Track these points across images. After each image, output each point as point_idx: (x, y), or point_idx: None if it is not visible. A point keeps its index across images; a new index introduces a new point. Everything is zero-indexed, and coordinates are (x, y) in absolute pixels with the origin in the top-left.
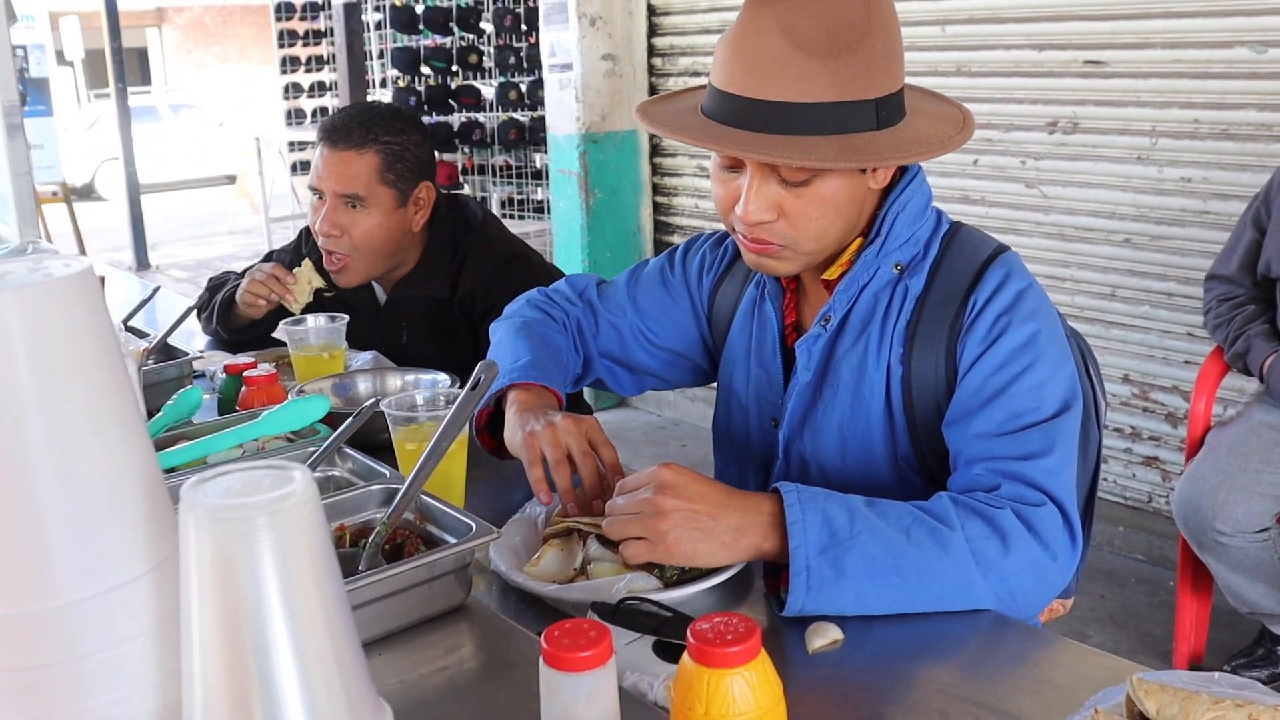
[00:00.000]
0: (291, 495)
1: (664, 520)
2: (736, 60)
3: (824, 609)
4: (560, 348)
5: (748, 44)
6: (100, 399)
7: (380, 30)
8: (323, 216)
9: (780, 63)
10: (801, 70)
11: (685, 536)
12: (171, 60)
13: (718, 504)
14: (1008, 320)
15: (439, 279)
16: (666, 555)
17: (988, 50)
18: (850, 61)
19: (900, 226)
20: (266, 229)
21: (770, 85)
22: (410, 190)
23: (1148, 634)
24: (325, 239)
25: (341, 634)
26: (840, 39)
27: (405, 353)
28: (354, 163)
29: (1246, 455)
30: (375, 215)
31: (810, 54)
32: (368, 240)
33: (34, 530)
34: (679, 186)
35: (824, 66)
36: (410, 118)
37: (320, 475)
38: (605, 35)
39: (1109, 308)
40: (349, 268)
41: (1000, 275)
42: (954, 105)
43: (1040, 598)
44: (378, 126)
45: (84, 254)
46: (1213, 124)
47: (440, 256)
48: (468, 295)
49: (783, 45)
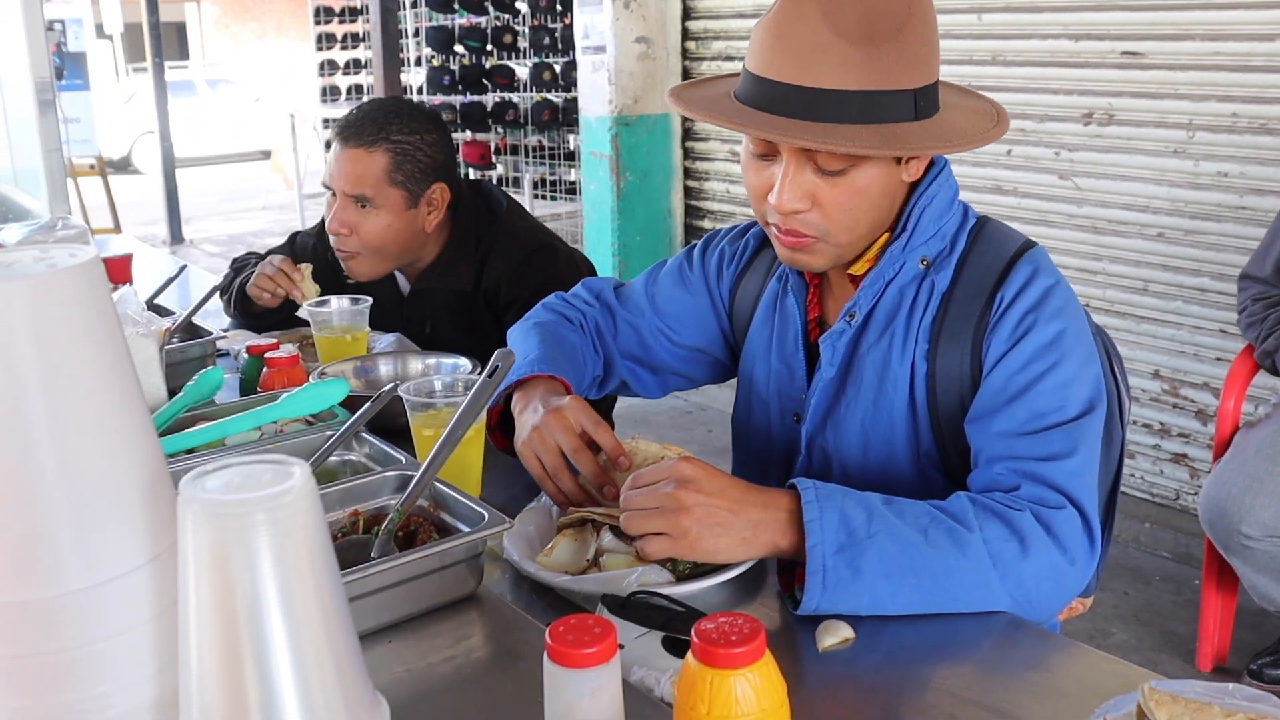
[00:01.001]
0: (290, 491)
1: (685, 515)
2: (777, 45)
3: (838, 608)
4: (574, 345)
5: (789, 29)
6: (103, 390)
7: (416, 8)
8: (333, 214)
9: (821, 49)
10: (843, 57)
11: (706, 532)
12: (209, 35)
13: (736, 499)
14: (1034, 318)
15: (462, 270)
16: (688, 551)
17: (1024, 39)
18: (890, 50)
19: (927, 221)
20: (300, 205)
21: (810, 71)
22: (421, 191)
23: (1171, 633)
24: (335, 237)
25: (338, 629)
26: (880, 27)
27: (429, 343)
28: (363, 162)
29: (1274, 458)
30: (384, 216)
31: (852, 41)
32: (376, 240)
33: (36, 519)
34: (710, 171)
35: (865, 54)
36: (428, 116)
37: (337, 459)
38: (639, 18)
39: (1141, 302)
40: (358, 262)
41: (1028, 271)
42: (986, 100)
43: (1057, 601)
44: (390, 125)
45: (118, 226)
46: (1251, 118)
47: (464, 247)
48: (492, 286)
49: (825, 31)
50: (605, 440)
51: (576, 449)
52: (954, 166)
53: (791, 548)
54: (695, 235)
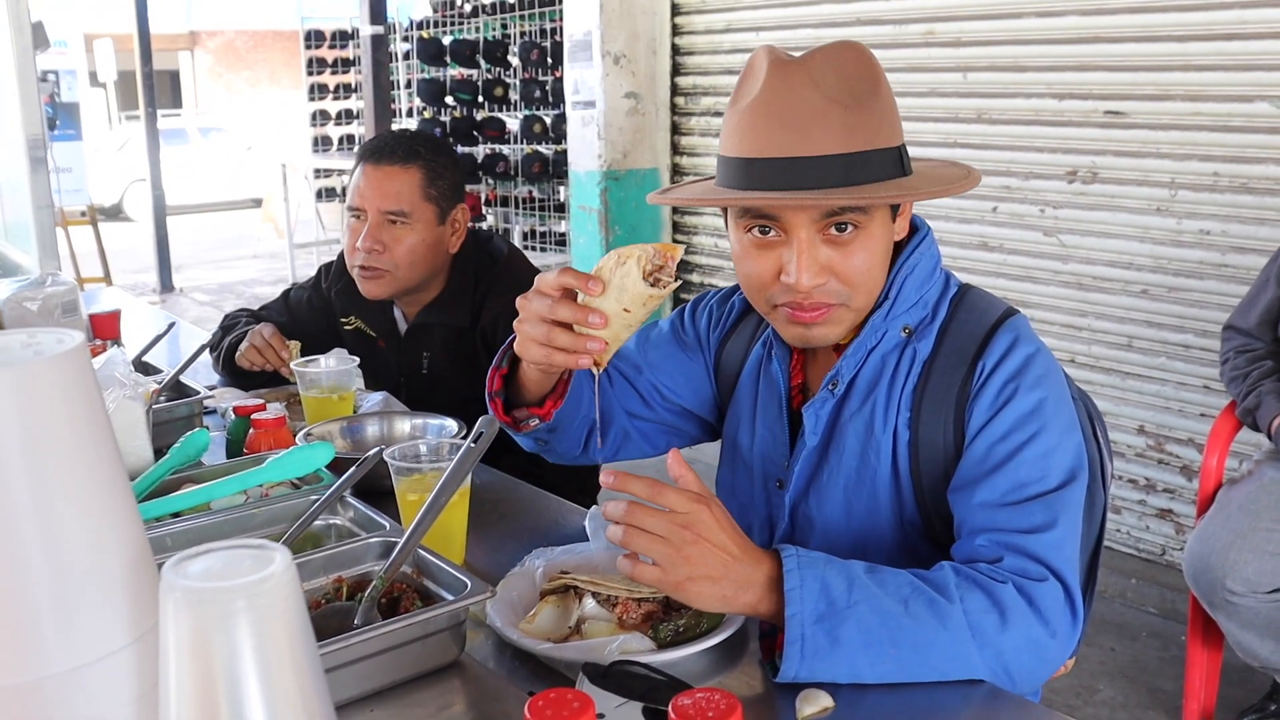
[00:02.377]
0: (270, 578)
1: (684, 560)
2: (771, 121)
3: (817, 677)
4: None
5: (780, 103)
6: (88, 474)
7: (408, 60)
8: (364, 233)
9: (819, 116)
10: (841, 121)
11: (696, 580)
12: (202, 83)
13: (734, 555)
14: (1015, 386)
15: (461, 308)
16: (670, 589)
17: (1008, 98)
18: (873, 111)
19: (909, 289)
20: (290, 254)
21: (812, 139)
22: (449, 209)
23: (1158, 689)
24: (367, 255)
25: (317, 708)
26: (859, 90)
27: (425, 381)
28: (399, 177)
29: (1257, 513)
30: (418, 231)
31: (844, 105)
32: (409, 256)
33: (20, 604)
34: (699, 225)
35: (856, 117)
36: (446, 145)
37: (322, 523)
38: (629, 73)
39: (1125, 358)
40: (383, 282)
41: (1008, 339)
42: (939, 160)
43: (1037, 674)
44: (419, 145)
45: (108, 276)
46: (1232, 177)
47: (464, 286)
48: (490, 325)
49: (819, 99)
50: (569, 280)
51: (553, 304)
52: (941, 223)
53: (770, 612)
54: (683, 289)
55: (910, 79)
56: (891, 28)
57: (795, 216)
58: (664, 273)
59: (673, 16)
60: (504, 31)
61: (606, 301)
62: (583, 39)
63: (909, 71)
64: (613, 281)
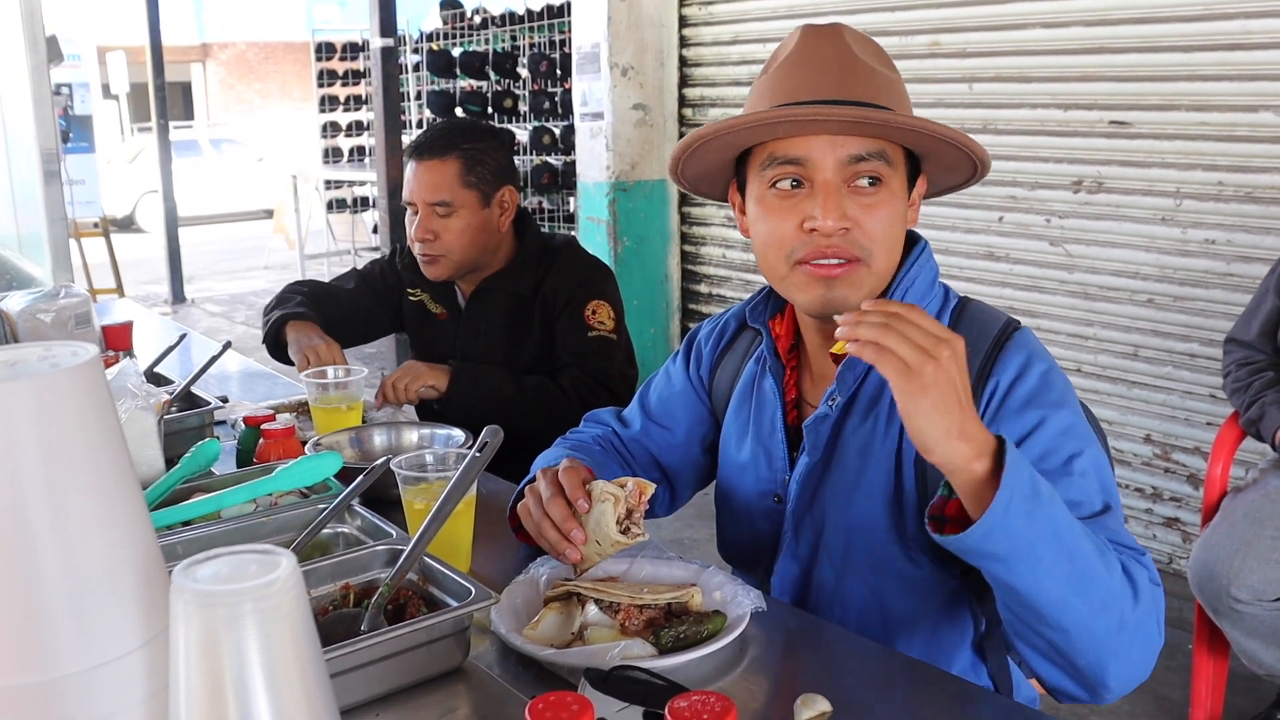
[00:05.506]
0: (276, 581)
1: (936, 374)
2: (806, 70)
3: (997, 547)
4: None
5: (815, 56)
6: (102, 481)
7: (418, 72)
8: (417, 225)
9: (850, 66)
10: (874, 78)
11: (934, 396)
12: (214, 95)
13: (967, 401)
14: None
15: (525, 278)
16: (909, 393)
17: (1014, 109)
18: (898, 83)
19: (909, 302)
20: (301, 265)
21: (848, 86)
22: (493, 192)
23: (1164, 698)
24: (421, 244)
25: (322, 709)
26: (887, 62)
27: (478, 358)
28: (438, 170)
29: (1262, 522)
30: (463, 217)
31: (874, 69)
32: (459, 241)
33: (35, 608)
34: (707, 236)
35: (888, 80)
36: (489, 129)
37: (330, 531)
38: (636, 85)
39: (1131, 367)
40: (441, 265)
41: (1022, 358)
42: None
43: (1138, 668)
44: (458, 137)
45: (120, 288)
46: (1237, 187)
47: (528, 258)
48: (551, 291)
49: (851, 54)
50: (567, 483)
51: (550, 498)
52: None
53: (980, 474)
54: (692, 299)
55: (916, 90)
56: (897, 39)
57: (824, 158)
58: (633, 521)
59: (680, 28)
60: (513, 43)
61: (587, 522)
62: (591, 51)
63: (915, 83)
64: (593, 511)
